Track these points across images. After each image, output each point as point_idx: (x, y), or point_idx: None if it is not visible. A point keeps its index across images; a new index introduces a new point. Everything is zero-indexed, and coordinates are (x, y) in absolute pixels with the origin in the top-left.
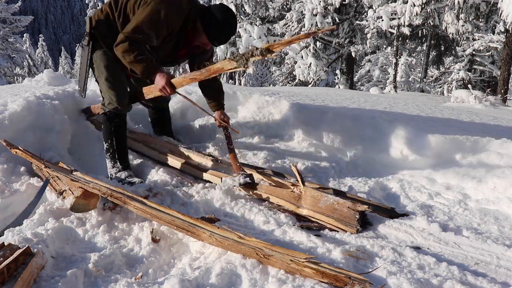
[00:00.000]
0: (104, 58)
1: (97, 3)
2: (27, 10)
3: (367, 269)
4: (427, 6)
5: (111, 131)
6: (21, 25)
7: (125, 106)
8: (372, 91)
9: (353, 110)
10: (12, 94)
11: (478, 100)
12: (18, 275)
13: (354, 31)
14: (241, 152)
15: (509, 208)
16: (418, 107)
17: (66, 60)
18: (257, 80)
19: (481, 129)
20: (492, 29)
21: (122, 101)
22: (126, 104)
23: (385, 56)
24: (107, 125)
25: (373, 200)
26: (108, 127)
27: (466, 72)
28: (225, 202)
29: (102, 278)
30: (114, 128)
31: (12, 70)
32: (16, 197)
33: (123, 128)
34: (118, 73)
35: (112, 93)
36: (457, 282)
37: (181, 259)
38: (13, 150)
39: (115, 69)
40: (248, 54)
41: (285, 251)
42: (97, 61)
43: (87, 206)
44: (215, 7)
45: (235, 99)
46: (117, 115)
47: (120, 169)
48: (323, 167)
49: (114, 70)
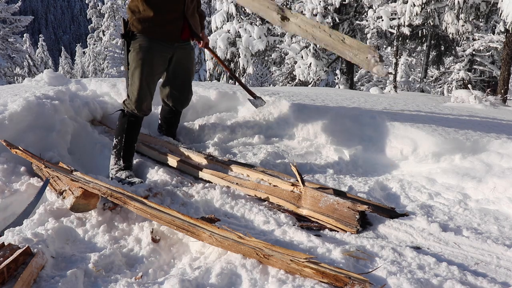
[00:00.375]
0: (136, 59)
1: (97, 3)
2: (27, 10)
3: (367, 269)
4: (427, 6)
5: (124, 128)
6: (21, 25)
7: (142, 112)
8: (372, 91)
9: (353, 110)
10: (12, 94)
11: (478, 100)
12: (18, 275)
13: (354, 31)
14: (241, 152)
15: (509, 208)
16: (418, 107)
17: (66, 60)
18: (257, 80)
19: (481, 129)
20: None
21: (141, 108)
22: (144, 110)
23: (385, 56)
24: (122, 121)
25: (373, 200)
26: (122, 123)
27: (466, 72)
28: (225, 202)
29: (102, 278)
30: (127, 126)
31: (12, 70)
32: (16, 197)
33: (136, 128)
34: (147, 75)
35: (135, 97)
36: (457, 282)
37: (181, 259)
38: (13, 150)
39: (144, 70)
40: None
41: (285, 251)
42: (130, 61)
43: (87, 206)
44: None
45: (235, 99)
46: (134, 115)
47: (122, 167)
48: (323, 167)
49: (143, 71)
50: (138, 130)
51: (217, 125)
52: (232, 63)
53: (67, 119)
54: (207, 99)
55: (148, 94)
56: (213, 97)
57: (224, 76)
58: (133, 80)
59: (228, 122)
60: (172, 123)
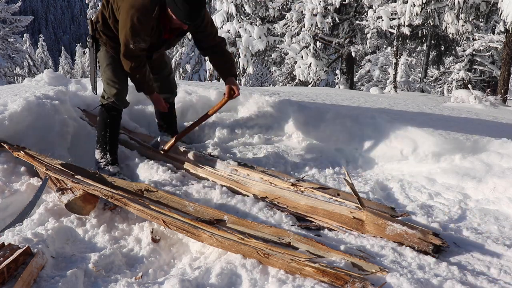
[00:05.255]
0: (106, 57)
1: (97, 3)
2: (27, 10)
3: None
4: (427, 6)
5: (107, 123)
6: (21, 25)
7: (123, 102)
8: (372, 91)
9: (353, 110)
10: (12, 94)
11: (478, 100)
12: (18, 275)
13: (354, 31)
14: (241, 152)
15: (509, 208)
16: (418, 107)
17: (66, 60)
18: (257, 80)
19: (481, 129)
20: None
21: (121, 97)
22: (124, 100)
23: (385, 56)
24: (103, 116)
25: (373, 200)
26: (104, 118)
27: (466, 72)
28: (224, 202)
29: (102, 278)
30: (110, 120)
31: (12, 70)
32: (16, 197)
33: (117, 121)
34: (119, 71)
35: (113, 89)
36: (457, 282)
37: (181, 259)
38: (15, 153)
39: (116, 67)
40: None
41: (285, 250)
42: (100, 60)
43: (81, 210)
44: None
45: (235, 99)
46: (115, 108)
47: (109, 162)
48: (323, 167)
49: (115, 68)
50: (119, 123)
51: (217, 125)
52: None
53: (67, 119)
54: (207, 99)
55: (125, 85)
56: (213, 97)
57: None
58: (107, 75)
59: (228, 122)
60: (168, 117)
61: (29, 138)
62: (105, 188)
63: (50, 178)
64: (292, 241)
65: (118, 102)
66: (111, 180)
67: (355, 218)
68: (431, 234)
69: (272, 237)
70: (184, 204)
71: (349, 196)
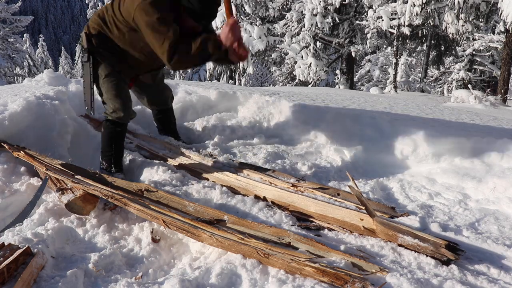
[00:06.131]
0: (107, 69)
1: (97, 3)
2: (27, 10)
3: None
4: (427, 6)
5: (112, 137)
6: (21, 25)
7: (129, 114)
8: (372, 91)
9: (353, 110)
10: (12, 94)
11: (478, 100)
12: (18, 275)
13: (354, 31)
14: (241, 152)
15: (509, 208)
16: (418, 107)
17: (66, 60)
18: (257, 80)
19: (481, 129)
20: (492, 29)
21: (127, 110)
22: (130, 112)
23: (385, 56)
24: (108, 131)
25: (373, 200)
26: (109, 133)
27: (466, 72)
28: (224, 202)
29: (102, 278)
30: (115, 135)
31: (12, 70)
32: (16, 197)
33: (123, 135)
34: (121, 84)
35: (118, 101)
36: (457, 282)
37: (181, 259)
38: (15, 153)
39: (118, 80)
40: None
41: (285, 250)
42: (100, 73)
43: (81, 210)
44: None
45: (235, 99)
46: (120, 124)
47: (114, 172)
48: (323, 167)
49: (117, 80)
50: (124, 136)
51: (217, 125)
52: (232, 64)
53: (67, 119)
54: (207, 99)
55: (128, 95)
56: (213, 97)
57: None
58: (108, 89)
59: (228, 122)
60: (166, 121)
61: (29, 138)
62: (105, 188)
63: (50, 178)
64: (292, 241)
65: (124, 117)
66: (111, 180)
67: (365, 228)
68: (443, 247)
69: (272, 237)
70: (184, 204)
71: (349, 195)
